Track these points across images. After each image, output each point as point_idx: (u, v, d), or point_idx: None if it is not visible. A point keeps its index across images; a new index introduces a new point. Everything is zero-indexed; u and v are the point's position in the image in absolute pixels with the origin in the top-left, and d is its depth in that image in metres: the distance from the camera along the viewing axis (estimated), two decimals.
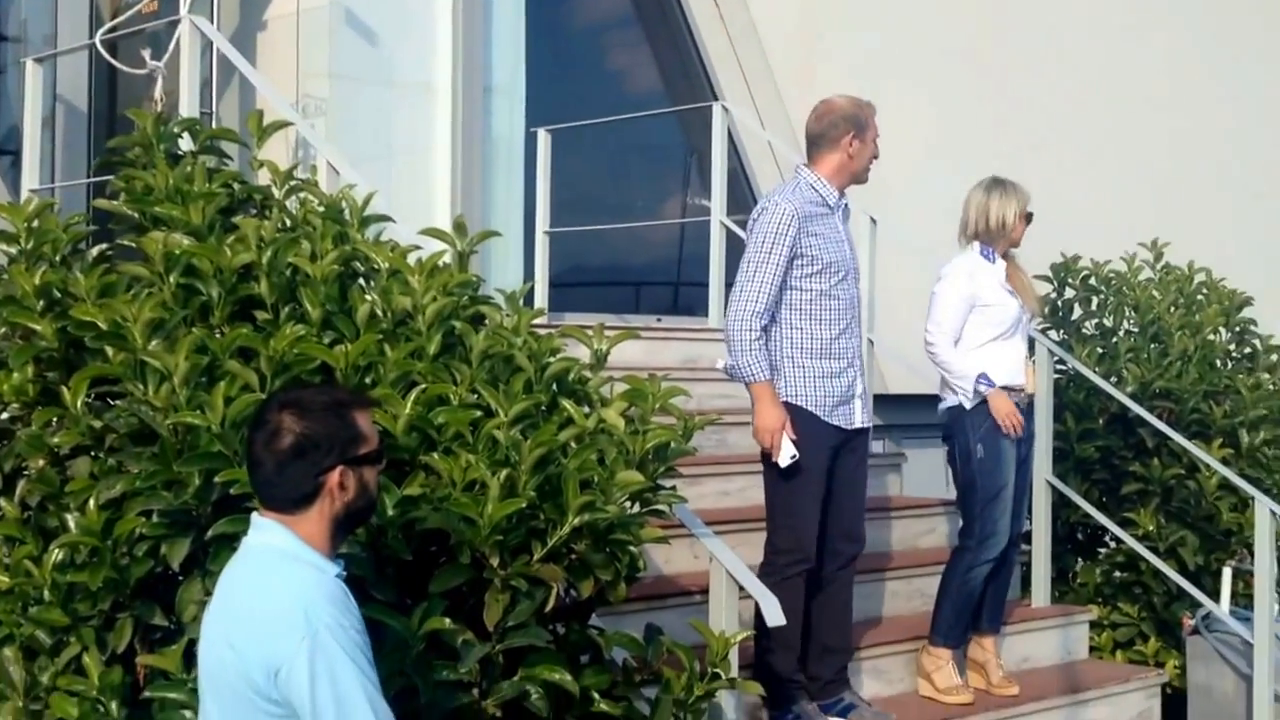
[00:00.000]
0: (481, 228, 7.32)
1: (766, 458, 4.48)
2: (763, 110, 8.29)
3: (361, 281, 3.74)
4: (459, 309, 3.57)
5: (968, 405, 4.98)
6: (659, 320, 8.02)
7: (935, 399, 5.22)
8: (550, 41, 8.18)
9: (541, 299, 7.11)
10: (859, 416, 4.61)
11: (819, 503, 4.49)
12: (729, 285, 7.70)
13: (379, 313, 3.50)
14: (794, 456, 4.38)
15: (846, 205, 4.69)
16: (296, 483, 2.44)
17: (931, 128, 8.24)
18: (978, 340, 5.02)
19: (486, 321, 3.64)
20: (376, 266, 3.68)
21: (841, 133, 4.57)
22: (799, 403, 4.48)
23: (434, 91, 7.13)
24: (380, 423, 3.05)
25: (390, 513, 2.97)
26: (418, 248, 3.81)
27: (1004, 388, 4.99)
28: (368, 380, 3.32)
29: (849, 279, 4.59)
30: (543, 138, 7.29)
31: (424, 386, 3.27)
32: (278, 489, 2.46)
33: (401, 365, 3.32)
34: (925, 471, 6.62)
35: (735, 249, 7.43)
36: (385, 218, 4.00)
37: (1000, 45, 9.07)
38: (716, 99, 7.93)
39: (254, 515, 2.51)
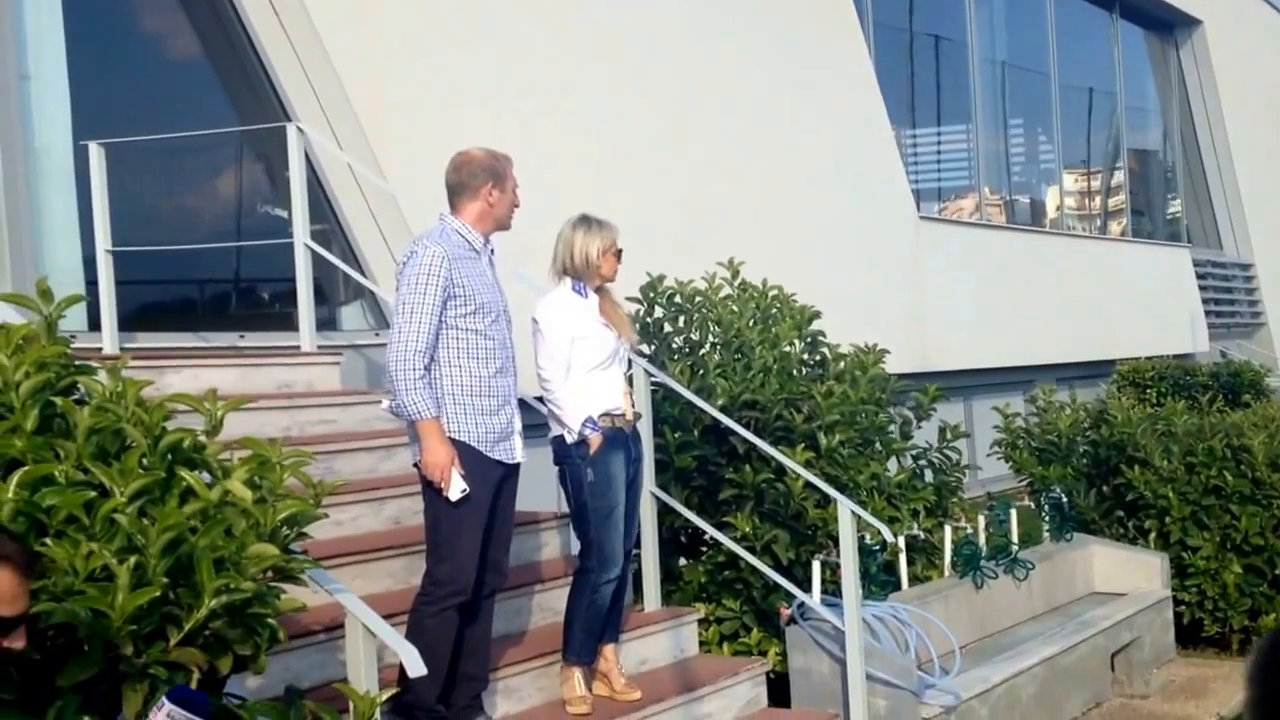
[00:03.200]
0: (34, 250, 6.94)
1: (430, 489, 4.55)
2: (338, 129, 8.18)
3: None
4: (54, 382, 3.35)
5: (570, 439, 5.15)
6: (242, 337, 7.80)
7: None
8: (101, 55, 7.77)
9: (109, 321, 6.77)
10: (518, 452, 4.77)
11: (480, 537, 4.60)
12: (319, 304, 7.66)
13: None
14: (464, 491, 4.49)
15: (493, 250, 4.82)
16: None
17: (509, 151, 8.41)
18: (578, 371, 5.18)
19: (80, 388, 3.44)
20: None
21: (481, 182, 4.71)
22: (463, 438, 4.57)
23: None
24: None
25: None
26: None
27: (605, 414, 5.18)
28: None
29: (501, 320, 4.73)
30: (95, 151, 6.89)
31: (26, 467, 3.05)
32: None
33: None
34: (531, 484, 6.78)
35: (319, 264, 7.34)
36: None
37: (581, 78, 9.35)
38: (289, 119, 7.76)
39: None
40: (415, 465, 4.63)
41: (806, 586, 6.01)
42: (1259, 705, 0.90)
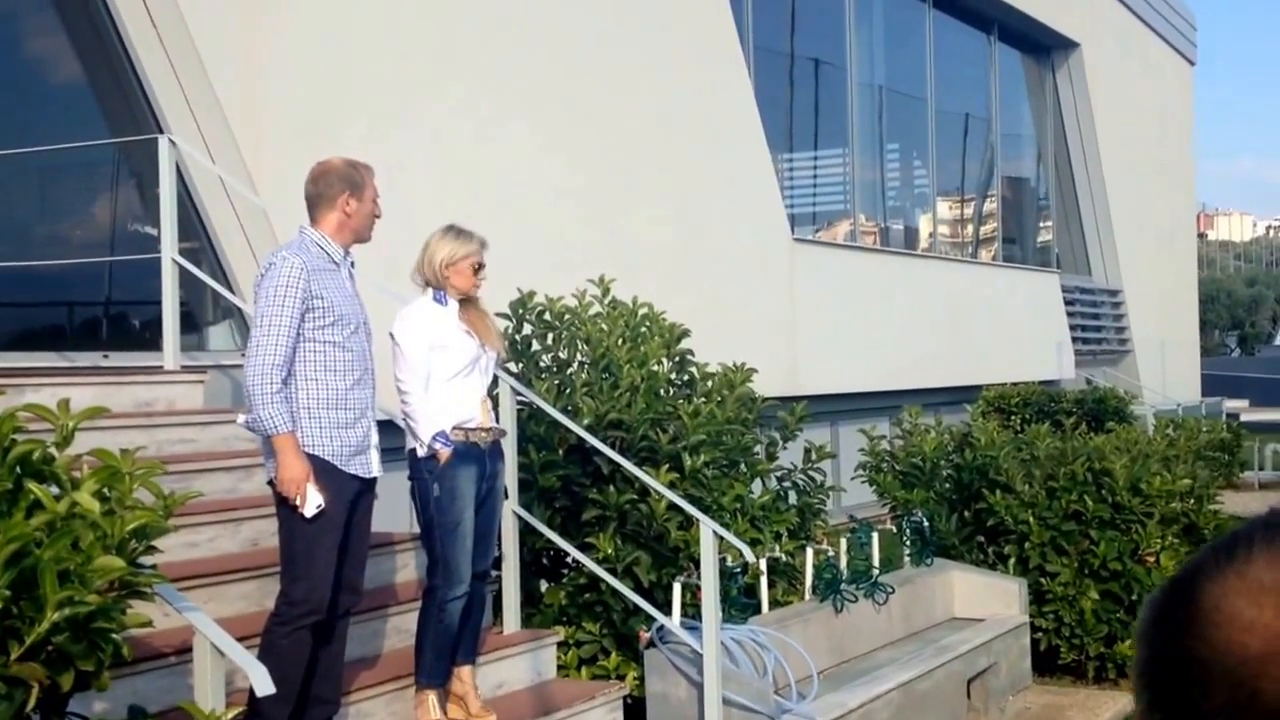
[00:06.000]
0: None
1: (284, 506, 4.50)
2: (212, 144, 8.07)
3: None
4: None
5: (421, 452, 5.16)
6: (105, 356, 7.66)
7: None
8: None
9: None
10: (375, 466, 4.75)
11: (336, 554, 4.57)
12: (187, 325, 7.55)
13: None
14: (320, 506, 4.46)
15: (352, 263, 4.79)
16: None
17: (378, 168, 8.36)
18: (436, 380, 5.18)
19: None
20: None
21: (338, 192, 4.69)
22: (318, 453, 4.55)
23: None
24: None
25: None
26: None
27: (457, 427, 5.19)
28: None
29: (360, 332, 4.71)
30: None
31: None
32: None
33: None
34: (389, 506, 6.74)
35: (188, 285, 7.25)
36: None
37: (456, 94, 9.35)
38: (162, 131, 7.65)
39: None
40: (270, 482, 4.59)
41: (667, 609, 6.05)
42: (1149, 664, 0.90)
